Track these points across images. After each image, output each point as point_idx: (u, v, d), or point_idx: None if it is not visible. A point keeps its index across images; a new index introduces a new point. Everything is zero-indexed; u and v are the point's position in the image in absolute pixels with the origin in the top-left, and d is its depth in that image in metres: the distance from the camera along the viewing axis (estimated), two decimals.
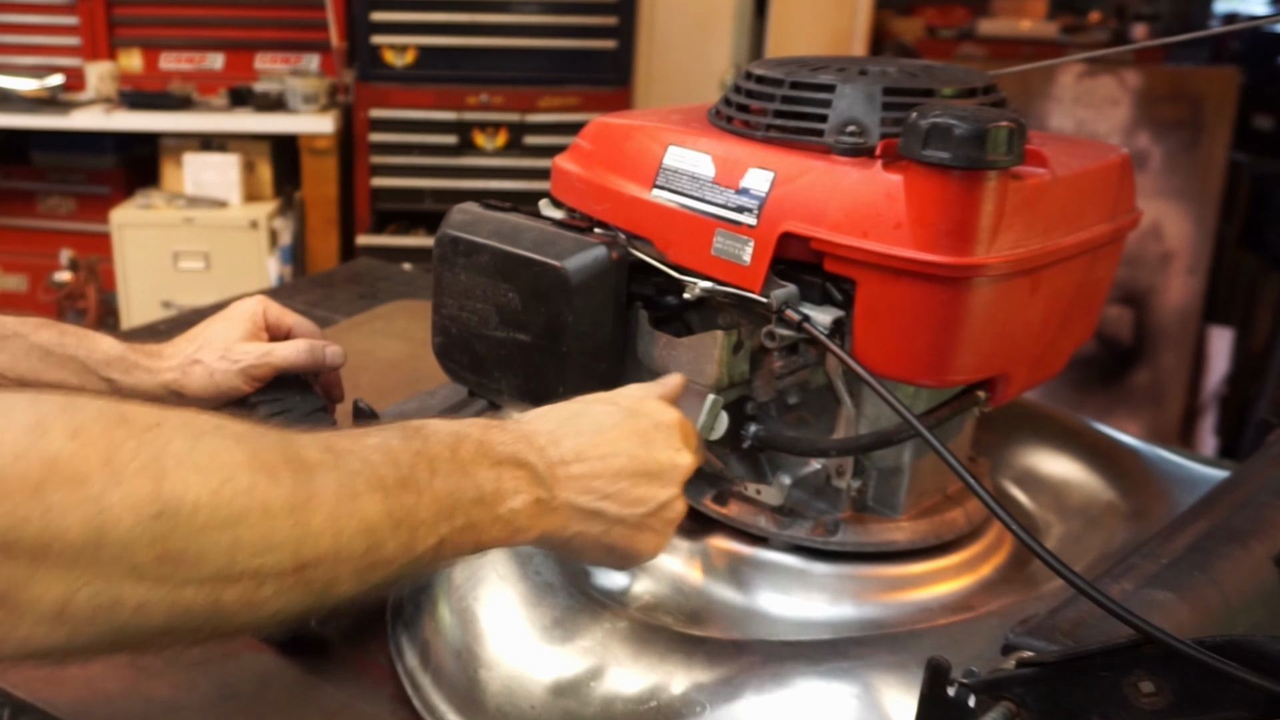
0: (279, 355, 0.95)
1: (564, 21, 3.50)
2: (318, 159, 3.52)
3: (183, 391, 0.93)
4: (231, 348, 0.94)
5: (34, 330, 0.92)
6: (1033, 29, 4.08)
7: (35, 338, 0.91)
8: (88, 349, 0.92)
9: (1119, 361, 3.43)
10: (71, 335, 0.93)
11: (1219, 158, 3.31)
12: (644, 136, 0.87)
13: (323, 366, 0.99)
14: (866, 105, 0.77)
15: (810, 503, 0.88)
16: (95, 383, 0.92)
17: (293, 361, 0.96)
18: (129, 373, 0.93)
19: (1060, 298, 0.82)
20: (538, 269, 0.83)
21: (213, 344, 0.95)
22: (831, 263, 0.76)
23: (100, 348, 0.93)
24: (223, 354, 0.94)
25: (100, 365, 0.92)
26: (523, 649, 0.79)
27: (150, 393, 0.93)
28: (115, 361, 0.93)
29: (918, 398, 0.84)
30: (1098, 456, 1.05)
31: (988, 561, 0.90)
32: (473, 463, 0.63)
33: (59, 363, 0.91)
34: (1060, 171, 0.77)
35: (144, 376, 0.93)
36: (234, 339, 0.95)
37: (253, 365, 0.94)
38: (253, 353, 0.95)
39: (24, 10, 3.65)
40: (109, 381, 0.92)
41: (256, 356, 0.95)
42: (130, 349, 0.95)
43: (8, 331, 0.91)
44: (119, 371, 0.93)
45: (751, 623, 0.84)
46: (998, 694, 0.56)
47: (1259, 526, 0.70)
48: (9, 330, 0.91)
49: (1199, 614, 0.61)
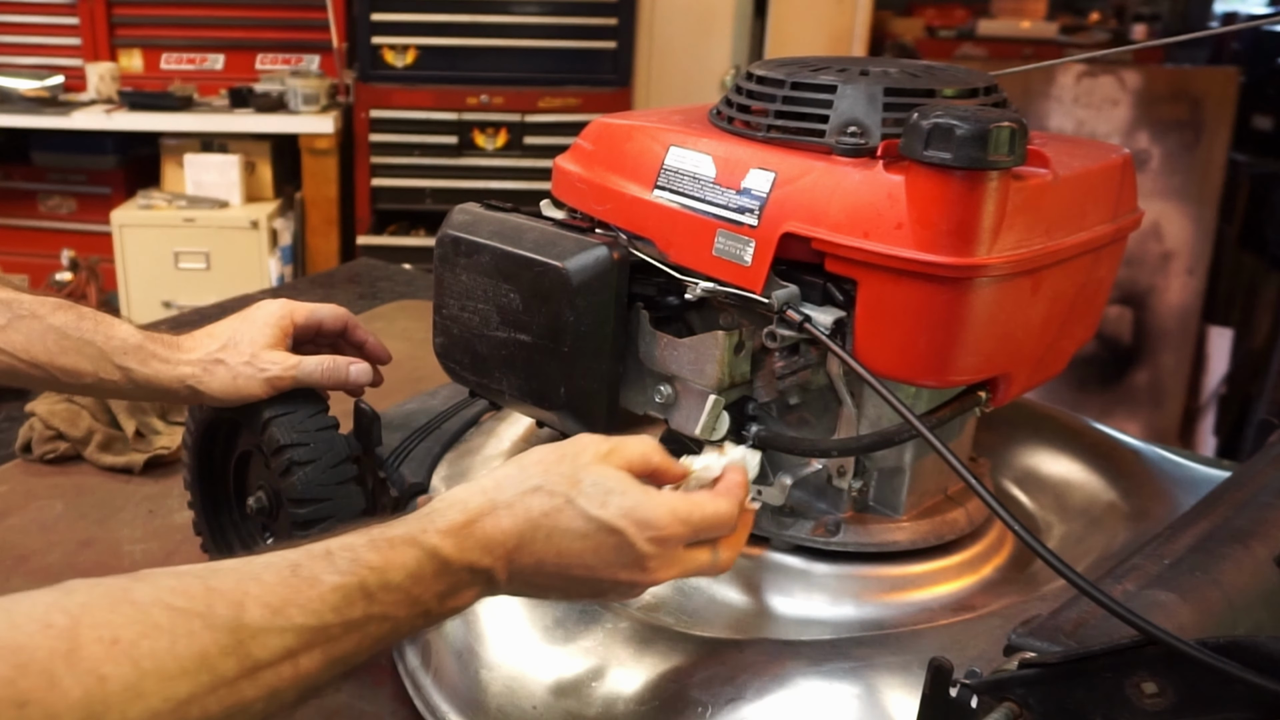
0: (304, 370, 0.94)
1: (564, 22, 3.50)
2: (318, 159, 3.52)
3: (201, 390, 0.92)
4: (259, 354, 0.93)
5: (51, 311, 0.90)
6: (1033, 29, 4.08)
7: (52, 319, 0.90)
8: (105, 334, 0.91)
9: (1119, 361, 3.43)
10: (89, 319, 0.91)
11: (1219, 158, 3.31)
12: (645, 137, 0.87)
13: (344, 386, 0.98)
14: (868, 106, 0.77)
15: (811, 503, 0.88)
16: (111, 370, 0.91)
17: (316, 380, 0.95)
18: (145, 363, 0.91)
19: (1062, 298, 0.82)
20: (539, 269, 0.83)
21: (238, 346, 0.93)
22: (833, 263, 0.76)
23: (118, 334, 0.92)
24: (249, 359, 0.93)
25: (116, 352, 0.91)
26: (524, 649, 0.79)
27: (166, 385, 0.92)
28: (133, 350, 0.91)
29: (919, 398, 0.84)
30: (1099, 457, 1.05)
31: (989, 562, 0.90)
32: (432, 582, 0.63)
33: (75, 346, 0.90)
34: (1062, 172, 0.77)
35: (161, 367, 0.92)
36: (261, 345, 0.93)
37: (277, 377, 0.93)
38: (279, 363, 0.93)
39: (24, 10, 3.65)
40: (124, 370, 0.91)
41: (282, 369, 0.93)
42: (149, 338, 0.93)
43: (24, 311, 0.89)
44: (136, 361, 0.91)
45: (753, 623, 0.84)
46: (1000, 694, 0.56)
47: (1261, 527, 0.70)
48: (25, 309, 0.89)
49: (1201, 615, 0.61)
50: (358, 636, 0.60)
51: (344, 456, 0.92)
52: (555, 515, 0.67)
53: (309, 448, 0.91)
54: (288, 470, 0.90)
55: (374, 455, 0.99)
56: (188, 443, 1.03)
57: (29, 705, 0.47)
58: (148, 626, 0.52)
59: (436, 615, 0.65)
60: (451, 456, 1.03)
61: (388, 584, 0.61)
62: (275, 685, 0.56)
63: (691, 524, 0.69)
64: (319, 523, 0.90)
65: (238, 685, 0.54)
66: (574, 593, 0.71)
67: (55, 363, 0.89)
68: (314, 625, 0.57)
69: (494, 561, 0.65)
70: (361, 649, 0.60)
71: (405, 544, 0.63)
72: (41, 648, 0.49)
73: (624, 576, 0.68)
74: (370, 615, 0.60)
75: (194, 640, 0.53)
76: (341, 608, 0.58)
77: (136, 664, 0.50)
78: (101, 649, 0.50)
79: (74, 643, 0.49)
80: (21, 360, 0.89)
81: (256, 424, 0.93)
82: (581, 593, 0.71)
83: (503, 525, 0.66)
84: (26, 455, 1.32)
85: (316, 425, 0.93)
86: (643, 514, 0.67)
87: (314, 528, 0.90)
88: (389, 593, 0.61)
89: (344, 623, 0.58)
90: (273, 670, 0.55)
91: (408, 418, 1.08)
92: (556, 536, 0.66)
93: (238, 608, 0.55)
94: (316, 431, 0.92)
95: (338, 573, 0.59)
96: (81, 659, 0.49)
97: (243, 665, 0.54)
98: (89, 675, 0.49)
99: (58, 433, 1.32)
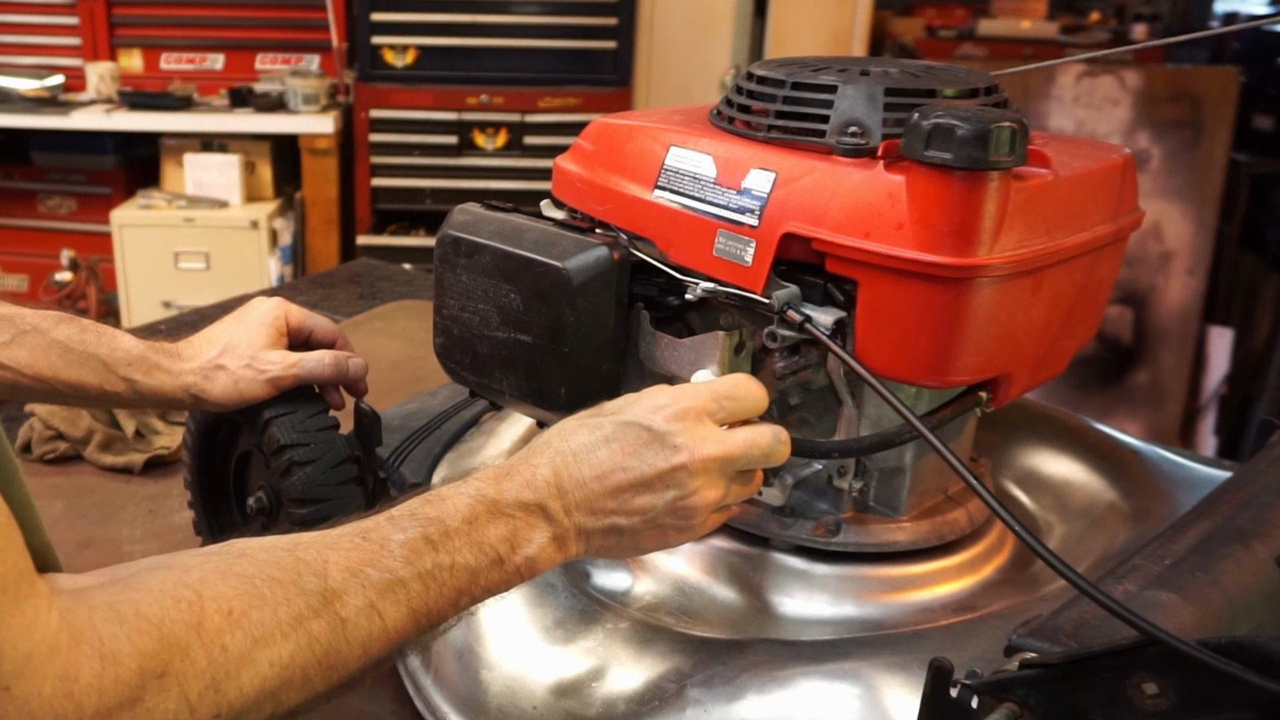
0: (305, 367, 0.94)
1: (564, 21, 3.50)
2: (318, 159, 3.52)
3: (204, 396, 0.93)
4: (257, 355, 0.93)
5: (54, 325, 0.90)
6: (1033, 29, 4.09)
7: (55, 333, 0.90)
8: (109, 347, 0.91)
9: (1119, 361, 3.44)
10: (91, 332, 0.92)
11: (1219, 158, 3.31)
12: (645, 137, 0.87)
13: (345, 380, 0.98)
14: (868, 106, 0.77)
15: (812, 503, 0.88)
16: (115, 382, 0.91)
17: (317, 375, 0.95)
18: (150, 374, 0.92)
19: (1062, 298, 0.82)
20: (539, 269, 0.83)
21: (236, 350, 0.93)
22: (833, 263, 0.76)
23: (121, 346, 0.92)
24: (248, 362, 0.93)
25: (120, 364, 0.91)
26: (524, 649, 0.79)
27: (170, 394, 0.93)
28: (136, 361, 0.92)
29: (919, 398, 0.84)
30: (1099, 457, 1.05)
31: (989, 562, 0.90)
32: (489, 525, 0.67)
33: (79, 360, 0.90)
34: (1063, 172, 0.77)
35: (165, 378, 0.92)
36: (258, 346, 0.94)
37: (278, 376, 0.93)
38: (279, 363, 0.93)
39: (24, 10, 3.65)
40: (129, 382, 0.92)
41: (282, 367, 0.93)
42: (151, 348, 0.93)
43: (26, 326, 0.89)
44: (140, 372, 0.92)
45: (753, 623, 0.84)
46: (1001, 695, 0.56)
47: (1261, 527, 0.70)
48: (28, 324, 0.90)
49: (1202, 615, 0.61)
50: (436, 586, 0.63)
51: (344, 457, 0.92)
52: (574, 437, 0.71)
53: (309, 448, 0.91)
54: (288, 470, 0.90)
55: (374, 456, 0.99)
56: (188, 443, 1.03)
57: (166, 676, 0.52)
58: (254, 597, 0.56)
59: (514, 567, 0.67)
60: (452, 457, 1.03)
61: (448, 531, 0.65)
62: (364, 640, 0.60)
63: (701, 395, 0.73)
64: (319, 523, 0.89)
65: (332, 642, 0.58)
66: (637, 512, 0.71)
67: (60, 377, 0.90)
68: (389, 579, 0.61)
69: (539, 495, 0.68)
70: (444, 599, 0.64)
71: (454, 495, 0.67)
72: (177, 620, 0.53)
73: (663, 464, 0.70)
74: (439, 564, 0.64)
75: (290, 607, 0.57)
76: (412, 559, 0.63)
77: (249, 633, 0.55)
78: (221, 620, 0.54)
79: (201, 615, 0.54)
80: (26, 375, 0.89)
81: (257, 424, 0.93)
82: (643, 508, 0.70)
83: (535, 463, 0.70)
84: (26, 455, 1.32)
85: (317, 425, 0.93)
86: (651, 399, 0.72)
87: (314, 529, 0.90)
88: (451, 539, 0.65)
89: (418, 574, 0.63)
90: (360, 626, 0.60)
91: (408, 418, 1.08)
92: (584, 453, 0.70)
93: (321, 575, 0.60)
94: (317, 432, 0.92)
95: (401, 530, 0.64)
96: (207, 630, 0.54)
97: (332, 625, 0.59)
98: (213, 645, 0.54)
99: (58, 433, 1.32)
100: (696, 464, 0.70)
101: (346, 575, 0.60)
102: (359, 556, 0.62)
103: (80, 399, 0.93)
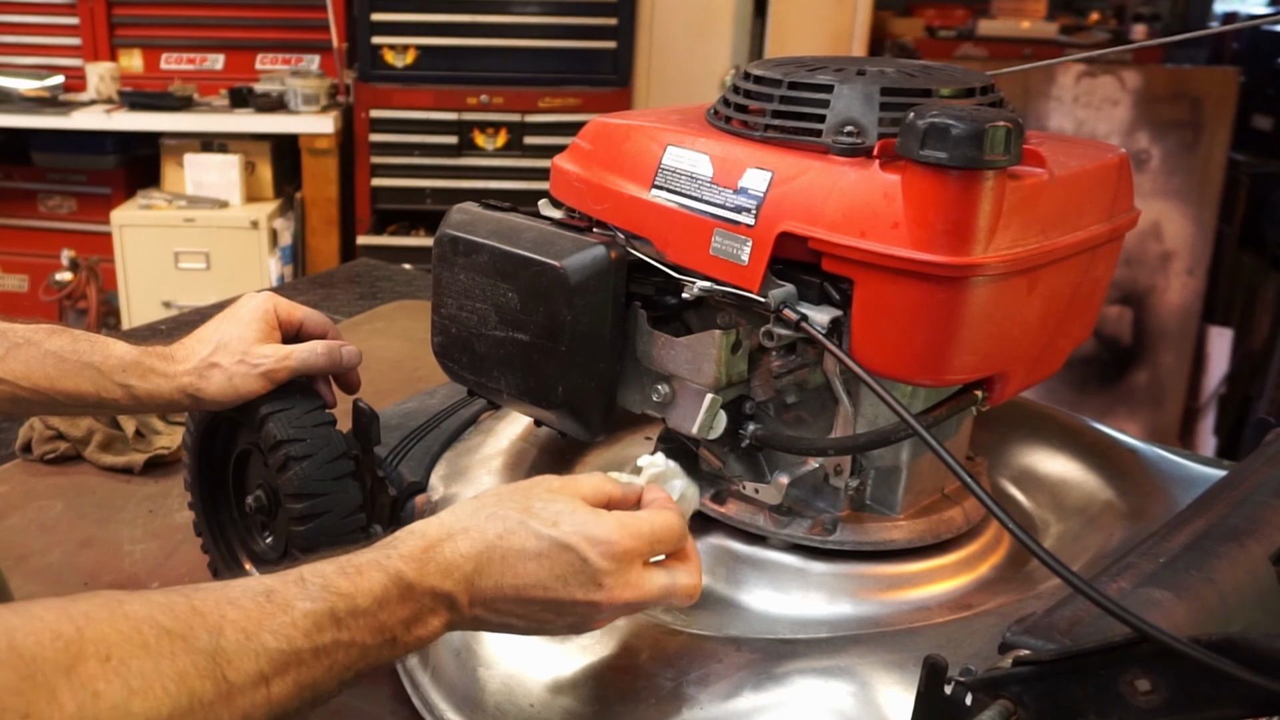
0: (298, 358, 0.94)
1: (564, 21, 3.50)
2: (318, 159, 3.52)
3: (200, 396, 0.93)
4: (249, 350, 0.93)
5: (46, 337, 0.91)
6: (1033, 29, 4.09)
7: (48, 345, 0.91)
8: (102, 354, 0.92)
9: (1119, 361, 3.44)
10: (84, 341, 0.93)
11: (1219, 158, 3.31)
12: (643, 137, 0.87)
13: (340, 368, 0.98)
14: (864, 105, 0.78)
15: (808, 501, 0.88)
16: (112, 389, 0.92)
17: (312, 365, 0.95)
18: (145, 378, 0.93)
19: (1058, 297, 0.82)
20: (537, 269, 0.83)
21: (228, 346, 0.94)
22: (829, 262, 0.76)
23: (115, 353, 0.93)
24: (241, 357, 0.93)
25: (115, 371, 0.92)
26: (522, 647, 0.80)
27: (167, 397, 0.93)
28: (131, 367, 0.92)
29: (915, 397, 0.84)
30: (1096, 456, 1.05)
31: (985, 560, 0.91)
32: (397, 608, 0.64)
33: (74, 370, 0.91)
34: (1058, 171, 0.78)
35: (160, 381, 0.93)
36: (250, 341, 0.94)
37: (272, 369, 0.93)
38: (272, 356, 0.94)
39: (24, 10, 3.66)
40: (125, 387, 0.92)
41: (276, 360, 0.93)
42: (144, 353, 0.94)
43: (19, 339, 0.90)
44: (135, 377, 0.92)
45: (749, 621, 0.84)
46: (995, 692, 0.56)
47: (1256, 526, 0.70)
48: (20, 337, 0.90)
49: (1196, 612, 0.61)
50: (327, 663, 0.61)
51: (340, 452, 0.92)
52: (509, 537, 0.69)
53: (305, 443, 0.91)
54: (285, 465, 0.91)
55: (372, 454, 0.99)
56: (188, 443, 1.03)
57: (30, 717, 0.49)
58: (138, 645, 0.53)
59: (402, 644, 0.65)
60: (450, 455, 1.03)
61: (356, 609, 0.62)
62: (248, 710, 0.57)
63: (642, 536, 0.71)
64: (316, 518, 0.90)
65: (214, 708, 0.55)
66: (535, 620, 0.70)
67: (56, 387, 0.90)
68: (285, 650, 0.59)
69: (455, 586, 0.67)
70: (331, 676, 0.62)
71: (371, 569, 0.64)
72: (48, 660, 0.50)
73: (581, 596, 0.69)
74: (339, 641, 0.61)
75: (175, 661, 0.54)
76: (312, 633, 0.60)
77: (126, 683, 0.52)
78: (97, 665, 0.52)
79: (76, 657, 0.51)
80: (23, 388, 0.90)
81: (254, 420, 0.94)
82: (543, 620, 0.70)
83: (460, 549, 0.68)
84: (26, 455, 1.32)
85: (313, 421, 0.93)
86: (592, 530, 0.70)
87: (311, 523, 0.90)
88: (357, 618, 0.62)
89: (314, 648, 0.60)
90: (245, 694, 0.57)
91: (406, 417, 1.08)
92: (512, 558, 0.68)
93: (216, 631, 0.57)
94: (313, 427, 0.92)
95: (309, 599, 0.61)
96: (80, 674, 0.51)
97: (218, 688, 0.56)
98: (84, 690, 0.51)
99: (58, 433, 1.32)
100: (609, 605, 0.70)
101: (242, 638, 0.57)
102: (259, 618, 0.59)
103: (79, 408, 0.94)
